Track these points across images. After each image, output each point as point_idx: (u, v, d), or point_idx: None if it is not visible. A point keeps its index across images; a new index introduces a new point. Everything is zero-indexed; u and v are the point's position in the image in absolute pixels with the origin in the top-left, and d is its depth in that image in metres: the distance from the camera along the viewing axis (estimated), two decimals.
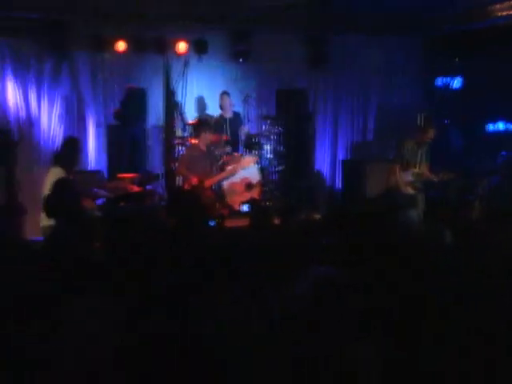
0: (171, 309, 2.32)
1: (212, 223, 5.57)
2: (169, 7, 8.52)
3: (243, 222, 5.00)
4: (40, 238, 4.90)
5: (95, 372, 2.12)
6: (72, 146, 5.51)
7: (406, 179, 6.98)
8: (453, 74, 9.43)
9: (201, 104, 9.37)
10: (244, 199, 7.94)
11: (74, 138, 5.77)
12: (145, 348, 2.13)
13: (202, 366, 2.14)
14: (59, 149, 5.50)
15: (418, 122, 9.22)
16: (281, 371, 2.12)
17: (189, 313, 2.26)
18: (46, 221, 5.14)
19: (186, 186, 7.40)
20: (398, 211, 4.70)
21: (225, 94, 8.82)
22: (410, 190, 6.97)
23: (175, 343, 2.12)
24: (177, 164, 7.83)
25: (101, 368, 2.12)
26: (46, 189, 5.28)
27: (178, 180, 8.19)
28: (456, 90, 9.40)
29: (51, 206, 4.08)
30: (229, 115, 8.78)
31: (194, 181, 7.30)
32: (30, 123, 8.36)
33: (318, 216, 6.38)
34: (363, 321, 2.27)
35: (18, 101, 8.28)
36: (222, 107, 8.83)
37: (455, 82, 9.35)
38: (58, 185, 4.56)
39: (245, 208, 7.98)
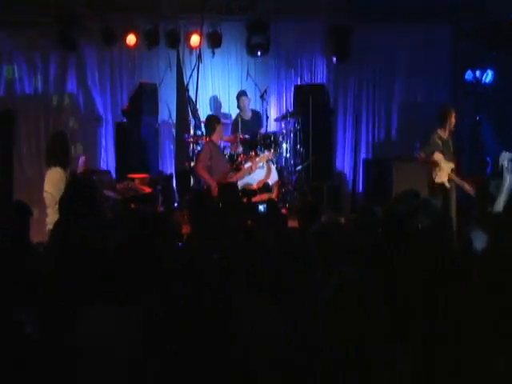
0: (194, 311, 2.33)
1: None
2: None
3: None
4: None
5: None
6: (61, 142, 5.24)
7: (447, 171, 6.36)
8: (484, 66, 8.94)
9: (216, 102, 9.07)
10: (261, 200, 7.55)
11: (60, 133, 5.56)
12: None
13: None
14: (50, 147, 5.22)
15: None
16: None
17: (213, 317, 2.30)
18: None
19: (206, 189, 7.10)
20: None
21: (242, 94, 8.45)
22: (447, 184, 6.36)
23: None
24: (196, 163, 7.44)
25: None
26: (50, 189, 4.97)
27: (193, 180, 7.86)
28: (487, 83, 8.89)
29: (66, 206, 3.78)
30: (248, 116, 8.41)
31: (214, 186, 6.98)
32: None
33: (341, 218, 6.07)
34: (392, 323, 2.25)
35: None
36: (240, 108, 8.45)
37: (487, 75, 8.84)
38: (73, 185, 4.28)
39: (261, 208, 7.64)
